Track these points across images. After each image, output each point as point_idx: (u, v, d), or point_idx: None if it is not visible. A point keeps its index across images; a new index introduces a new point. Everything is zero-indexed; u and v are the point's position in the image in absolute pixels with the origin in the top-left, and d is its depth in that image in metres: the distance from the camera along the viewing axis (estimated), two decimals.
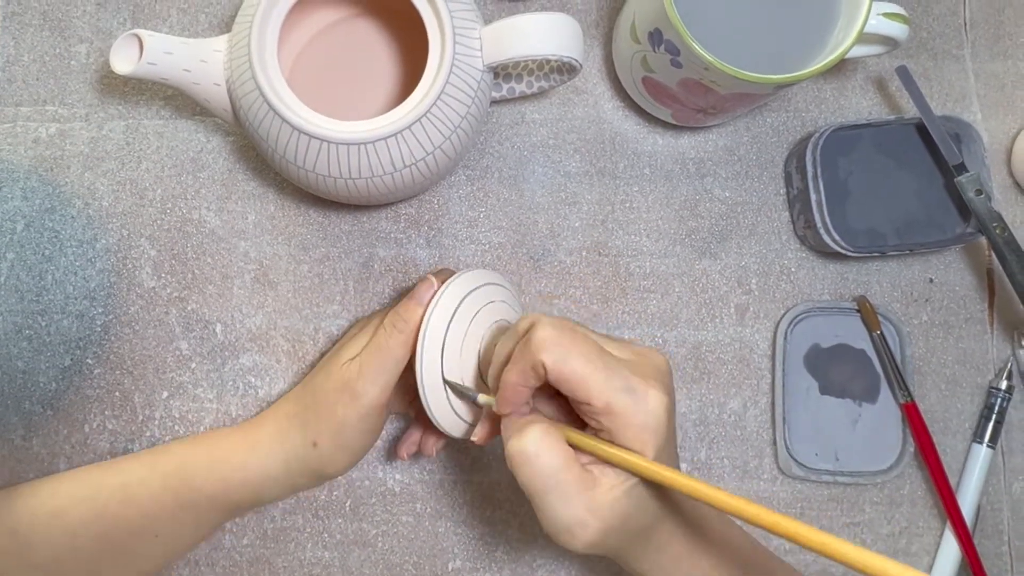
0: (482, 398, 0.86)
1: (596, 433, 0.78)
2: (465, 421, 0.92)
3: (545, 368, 0.75)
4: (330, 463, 0.95)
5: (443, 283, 0.90)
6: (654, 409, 0.75)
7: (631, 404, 0.75)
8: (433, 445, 1.02)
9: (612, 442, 0.76)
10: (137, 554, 0.97)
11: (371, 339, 0.92)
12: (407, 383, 0.92)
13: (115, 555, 0.96)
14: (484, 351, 0.92)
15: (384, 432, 1.09)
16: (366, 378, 0.90)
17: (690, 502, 0.85)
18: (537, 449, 0.75)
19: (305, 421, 0.94)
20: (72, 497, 0.95)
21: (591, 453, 0.77)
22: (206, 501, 0.96)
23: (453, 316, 0.88)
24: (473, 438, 0.87)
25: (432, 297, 0.89)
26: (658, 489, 0.80)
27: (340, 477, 1.07)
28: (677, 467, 0.82)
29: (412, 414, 1.05)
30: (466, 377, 0.91)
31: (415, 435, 1.03)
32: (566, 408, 0.84)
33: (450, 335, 0.88)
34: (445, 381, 0.89)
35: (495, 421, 0.86)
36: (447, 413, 0.91)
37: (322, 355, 1.09)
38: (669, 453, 0.79)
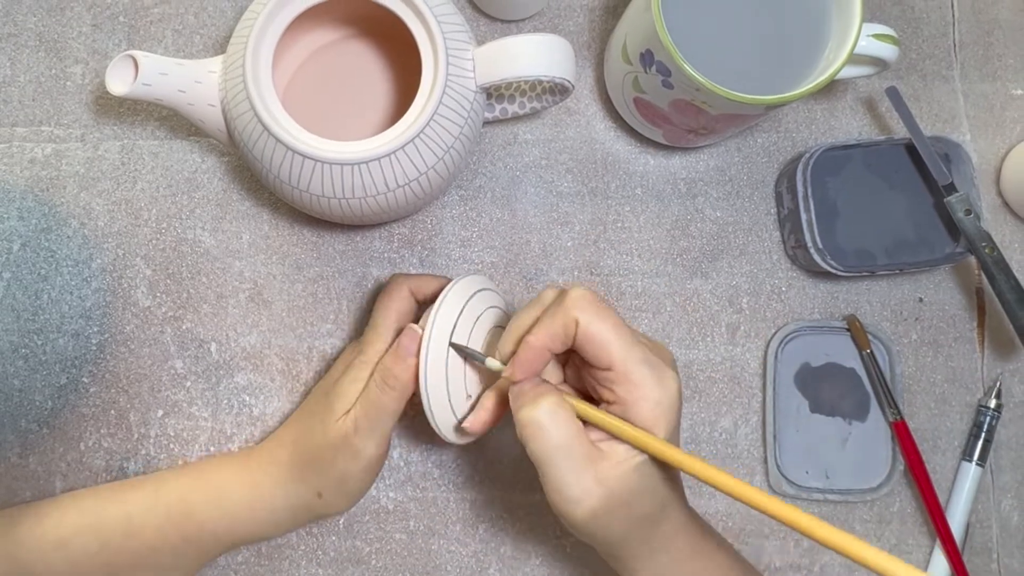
0: (491, 362, 0.84)
1: (607, 409, 0.78)
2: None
3: (577, 326, 0.75)
4: (335, 509, 0.95)
5: (428, 318, 0.88)
6: (669, 388, 0.76)
7: (649, 377, 0.75)
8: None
9: (623, 418, 0.76)
10: None
11: (363, 393, 0.90)
12: None
13: None
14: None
15: None
16: (363, 435, 0.89)
17: (691, 512, 0.85)
18: (550, 419, 0.75)
19: (306, 474, 0.93)
20: (75, 527, 0.93)
21: (601, 427, 0.77)
22: (210, 536, 0.94)
23: (448, 355, 0.86)
24: (465, 424, 0.86)
25: (420, 345, 0.87)
26: (666, 475, 0.80)
27: None
28: None
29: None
30: (472, 393, 0.90)
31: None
32: (573, 393, 0.84)
33: (451, 370, 0.87)
34: (452, 344, 0.87)
35: (495, 406, 0.86)
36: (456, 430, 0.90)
37: (316, 375, 1.07)
38: (675, 437, 0.79)
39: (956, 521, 1.08)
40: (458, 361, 0.88)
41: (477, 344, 0.89)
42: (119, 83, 0.89)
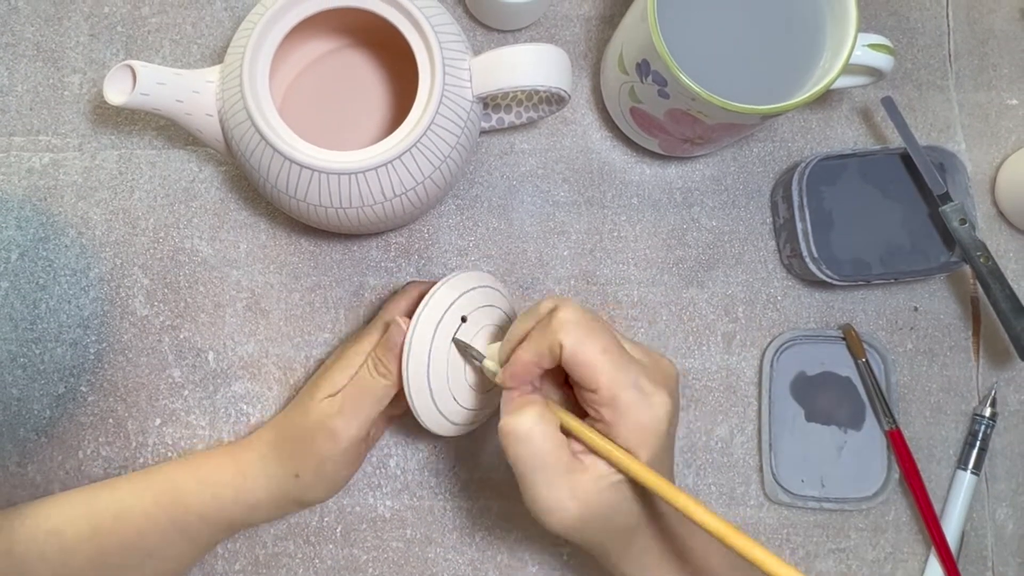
0: (488, 363, 0.84)
1: (593, 425, 0.76)
2: (459, 424, 0.91)
3: (562, 349, 0.74)
4: (311, 493, 0.94)
5: (414, 314, 0.88)
6: (657, 412, 0.74)
7: (636, 401, 0.73)
8: None
9: (607, 436, 0.75)
10: (131, 573, 0.96)
11: (353, 378, 0.91)
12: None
13: (109, 574, 0.95)
14: (487, 354, 0.89)
15: (373, 457, 1.07)
16: (346, 416, 0.89)
17: (672, 518, 0.83)
18: (531, 430, 0.74)
19: (286, 453, 0.93)
20: (67, 516, 0.93)
21: (582, 441, 0.76)
22: (197, 519, 0.94)
23: (432, 341, 0.86)
24: (496, 379, 0.85)
25: (404, 340, 0.87)
26: (644, 493, 0.78)
27: (330, 503, 1.05)
28: (671, 476, 0.80)
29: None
30: (457, 389, 0.89)
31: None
32: (570, 398, 0.82)
33: (434, 361, 0.87)
34: (454, 340, 0.87)
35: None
36: (440, 421, 0.89)
37: (308, 381, 1.07)
38: (664, 461, 0.77)
39: (951, 530, 1.07)
40: (443, 353, 0.87)
41: (466, 337, 0.89)
42: (117, 93, 0.88)
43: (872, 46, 0.93)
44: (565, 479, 0.74)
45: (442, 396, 0.88)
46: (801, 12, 0.95)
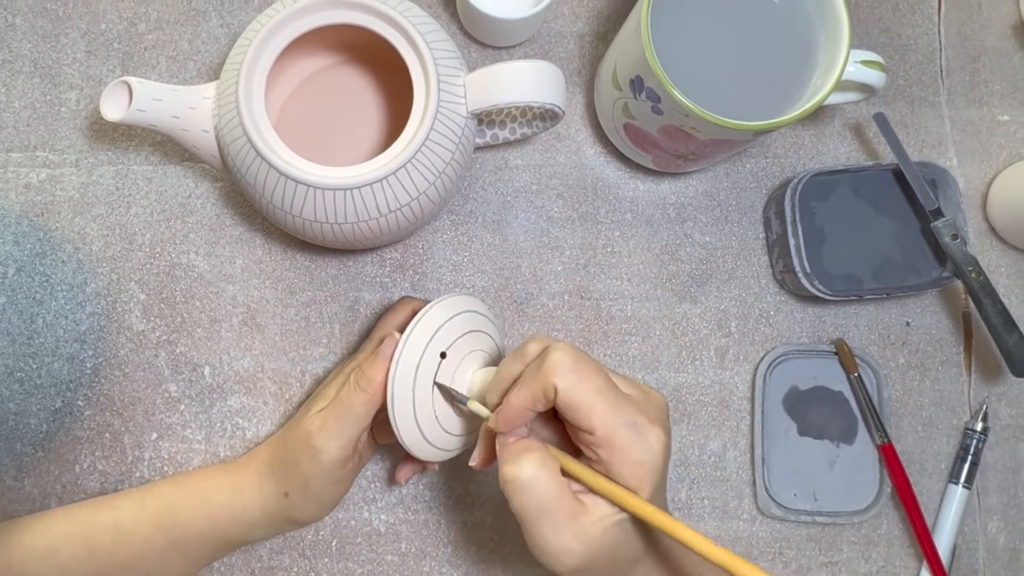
0: (477, 406, 0.81)
1: (591, 464, 0.74)
2: (441, 449, 0.89)
3: (556, 392, 0.72)
4: (301, 512, 0.92)
5: (406, 330, 0.86)
6: (654, 448, 0.72)
7: (633, 440, 0.71)
8: (404, 476, 0.99)
9: (607, 476, 0.74)
10: None
11: (336, 394, 0.89)
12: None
13: None
14: (471, 379, 0.88)
15: (368, 471, 1.06)
16: (327, 434, 0.87)
17: (670, 541, 0.83)
18: (532, 477, 0.72)
19: (277, 472, 0.92)
20: (65, 535, 0.91)
21: (586, 484, 0.74)
22: (196, 539, 0.92)
23: (420, 362, 0.83)
24: (472, 463, 0.82)
25: (393, 352, 0.85)
26: (645, 526, 0.77)
27: (326, 517, 1.06)
28: (665, 507, 0.78)
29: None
30: (439, 410, 0.87)
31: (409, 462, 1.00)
32: (561, 433, 0.80)
33: (419, 377, 0.84)
34: (436, 384, 0.85)
35: (492, 444, 0.82)
36: (421, 444, 0.86)
37: (308, 397, 1.07)
38: (660, 494, 0.75)
39: (943, 543, 1.06)
40: (428, 378, 0.85)
41: (453, 363, 0.87)
42: (113, 109, 0.87)
43: (864, 62, 0.93)
44: (569, 523, 0.72)
45: (427, 422, 0.86)
46: (794, 29, 0.94)
